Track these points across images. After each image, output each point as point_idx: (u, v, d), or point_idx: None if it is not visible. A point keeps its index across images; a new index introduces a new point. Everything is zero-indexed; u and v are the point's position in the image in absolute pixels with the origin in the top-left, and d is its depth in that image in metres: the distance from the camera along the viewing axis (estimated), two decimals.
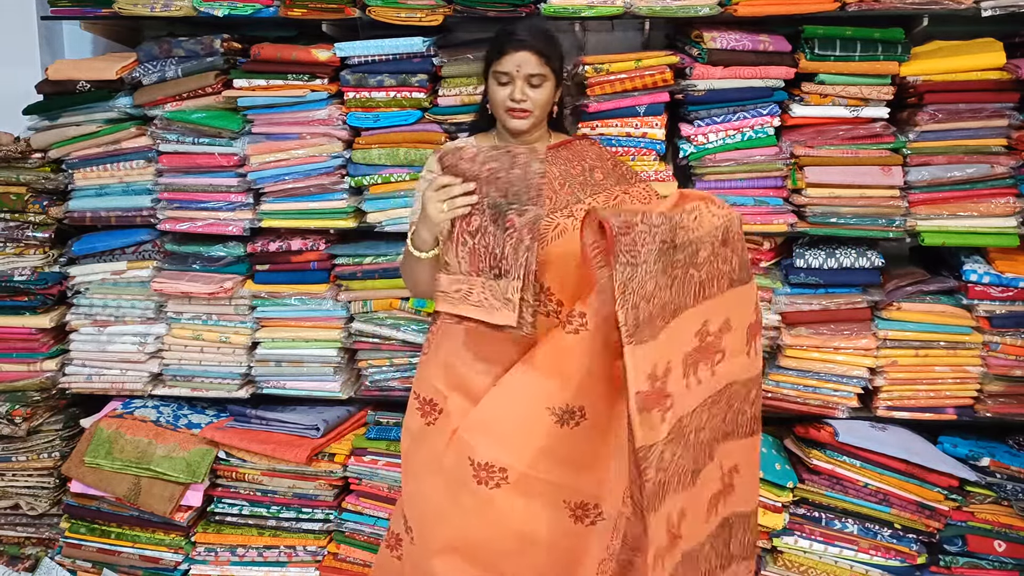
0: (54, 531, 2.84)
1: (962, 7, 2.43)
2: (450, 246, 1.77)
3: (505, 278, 1.73)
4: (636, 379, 1.63)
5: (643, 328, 1.65)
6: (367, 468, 2.72)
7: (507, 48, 1.95)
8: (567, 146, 2.04)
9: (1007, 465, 2.58)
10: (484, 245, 1.75)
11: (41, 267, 2.78)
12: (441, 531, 1.90)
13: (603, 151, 2.10)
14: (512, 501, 1.81)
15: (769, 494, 2.59)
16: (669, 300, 1.71)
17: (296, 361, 2.77)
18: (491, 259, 1.74)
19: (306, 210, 2.70)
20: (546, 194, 1.81)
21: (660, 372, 1.67)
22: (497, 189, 1.73)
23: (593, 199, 1.95)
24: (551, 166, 1.96)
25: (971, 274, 2.57)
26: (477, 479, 1.82)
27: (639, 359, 1.64)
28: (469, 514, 1.85)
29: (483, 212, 1.74)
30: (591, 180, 1.99)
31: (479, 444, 1.82)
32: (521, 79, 1.94)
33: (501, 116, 2.00)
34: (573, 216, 1.90)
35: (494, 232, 1.74)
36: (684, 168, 2.63)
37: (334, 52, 2.59)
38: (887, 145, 2.54)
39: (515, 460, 1.80)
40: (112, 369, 2.83)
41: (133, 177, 2.73)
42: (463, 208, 1.76)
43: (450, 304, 1.77)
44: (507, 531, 1.84)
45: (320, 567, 2.76)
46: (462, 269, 1.77)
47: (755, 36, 2.50)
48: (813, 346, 2.61)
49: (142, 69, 2.67)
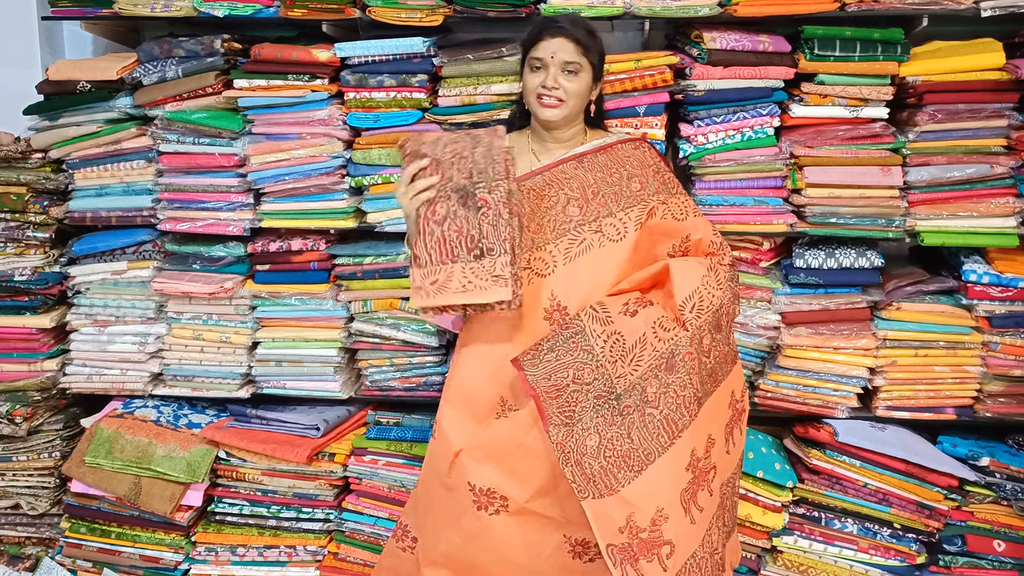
0: (54, 531, 2.85)
1: (962, 7, 2.43)
2: (417, 239, 1.73)
3: (489, 256, 1.67)
4: (603, 533, 1.63)
5: (598, 482, 1.63)
6: (367, 468, 2.73)
7: (544, 34, 1.87)
8: (607, 151, 1.95)
9: (1007, 465, 2.58)
10: (456, 230, 1.69)
11: (41, 267, 2.78)
12: (438, 544, 1.90)
13: (647, 156, 1.99)
14: (511, 530, 1.80)
15: (768, 494, 2.59)
16: (630, 450, 1.66)
17: (296, 361, 2.77)
18: (468, 242, 1.68)
19: (306, 210, 2.70)
20: (511, 170, 1.72)
21: (643, 523, 1.64)
22: (461, 171, 1.67)
23: (625, 213, 1.87)
24: (587, 173, 1.89)
25: (971, 274, 2.57)
26: (477, 504, 1.80)
27: (599, 514, 1.63)
28: (467, 536, 1.84)
29: (449, 198, 1.68)
30: (627, 190, 1.90)
31: (481, 471, 1.79)
32: (555, 66, 1.86)
33: (532, 105, 1.91)
34: (601, 232, 1.84)
35: (465, 215, 1.68)
36: (684, 168, 2.63)
37: (334, 52, 2.59)
38: (887, 145, 2.54)
39: (516, 492, 1.78)
40: (112, 369, 2.83)
41: (133, 177, 2.73)
42: (427, 192, 1.70)
43: (425, 297, 1.72)
44: (503, 559, 1.82)
45: (320, 567, 2.76)
46: (432, 260, 1.71)
47: (755, 36, 2.50)
48: (813, 346, 2.62)
49: (142, 69, 2.67)
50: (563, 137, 1.97)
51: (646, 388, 1.70)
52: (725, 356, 1.83)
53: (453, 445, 1.85)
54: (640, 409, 1.69)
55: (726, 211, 2.59)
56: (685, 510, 1.68)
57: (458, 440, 1.84)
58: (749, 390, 2.71)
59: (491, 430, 1.83)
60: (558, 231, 1.84)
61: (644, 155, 1.99)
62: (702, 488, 1.71)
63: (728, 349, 1.85)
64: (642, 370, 1.70)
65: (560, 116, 1.90)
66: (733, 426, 1.85)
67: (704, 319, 1.77)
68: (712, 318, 1.79)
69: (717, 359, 1.80)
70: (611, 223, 1.85)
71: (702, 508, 1.72)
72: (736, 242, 2.66)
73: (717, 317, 1.80)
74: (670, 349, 1.71)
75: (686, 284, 1.78)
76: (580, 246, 1.83)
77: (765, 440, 2.70)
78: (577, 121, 1.99)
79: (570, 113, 1.91)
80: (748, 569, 2.69)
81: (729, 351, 1.85)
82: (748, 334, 2.65)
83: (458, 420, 1.88)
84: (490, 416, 1.86)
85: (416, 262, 1.74)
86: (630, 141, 2.01)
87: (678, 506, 1.67)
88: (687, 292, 1.77)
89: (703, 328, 1.76)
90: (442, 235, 1.70)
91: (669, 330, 1.73)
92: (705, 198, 2.59)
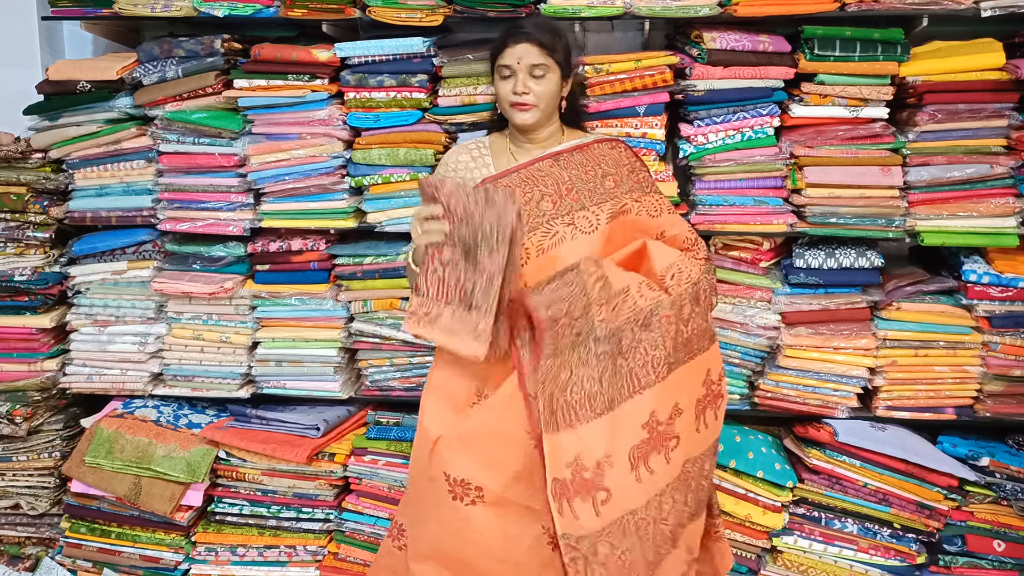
0: (54, 531, 2.85)
1: (962, 7, 2.43)
2: (422, 271, 1.80)
3: (476, 311, 1.75)
4: (552, 466, 1.66)
5: (559, 416, 1.67)
6: (367, 468, 2.73)
7: (508, 41, 1.93)
8: (583, 150, 1.98)
9: (1006, 465, 2.58)
10: (455, 277, 1.76)
11: (41, 267, 2.78)
12: (425, 538, 1.91)
13: (622, 156, 2.01)
14: (489, 521, 1.81)
15: (768, 494, 2.59)
16: (597, 392, 1.71)
17: (296, 361, 2.77)
18: (461, 292, 1.76)
19: (306, 210, 2.70)
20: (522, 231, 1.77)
21: (589, 463, 1.68)
22: (469, 227, 1.73)
23: (598, 208, 1.91)
24: (563, 170, 1.93)
25: (971, 274, 2.57)
26: (452, 494, 1.81)
27: (554, 446, 1.66)
28: (449, 528, 1.85)
29: (455, 246, 1.76)
30: (600, 188, 1.94)
31: (457, 461, 1.81)
32: (523, 71, 1.92)
33: (506, 111, 1.98)
34: (574, 224, 1.87)
35: (464, 267, 1.75)
36: (684, 168, 2.63)
37: (334, 52, 2.59)
38: (887, 145, 2.54)
39: (491, 482, 1.79)
40: (112, 369, 2.83)
41: (133, 177, 2.73)
42: (436, 236, 1.74)
43: (416, 324, 1.79)
44: (487, 552, 1.83)
45: (320, 567, 2.76)
46: (430, 294, 1.79)
47: (755, 36, 2.50)
48: (813, 346, 2.62)
49: (142, 69, 2.67)
50: (539, 138, 2.02)
51: (621, 339, 1.75)
52: (703, 331, 1.86)
53: (431, 434, 1.87)
54: (613, 357, 1.74)
55: (726, 211, 2.59)
56: (632, 465, 1.71)
57: (436, 429, 1.87)
58: (749, 390, 2.73)
59: (468, 420, 1.85)
60: (531, 224, 1.88)
61: (620, 155, 2.02)
62: (658, 452, 1.73)
63: (706, 325, 1.88)
64: (620, 320, 1.75)
65: (534, 119, 1.96)
66: (707, 406, 1.87)
67: (684, 288, 1.81)
68: (692, 289, 1.83)
69: (695, 331, 1.83)
70: (584, 216, 1.89)
71: (653, 471, 1.74)
72: (736, 242, 2.66)
73: (696, 290, 1.84)
74: (650, 307, 1.76)
75: (665, 258, 1.84)
76: (553, 238, 1.86)
77: (765, 440, 2.70)
78: (552, 121, 2.03)
79: (543, 115, 1.97)
80: (748, 569, 2.69)
81: (707, 328, 1.89)
82: (748, 334, 2.65)
83: (437, 410, 1.91)
84: (468, 406, 1.89)
85: (416, 290, 1.81)
86: (606, 141, 2.04)
87: (625, 459, 1.71)
88: (666, 264, 1.83)
89: (684, 296, 1.81)
90: (442, 277, 1.78)
91: (654, 290, 1.78)
92: (705, 198, 2.59)
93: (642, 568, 1.73)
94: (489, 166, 2.02)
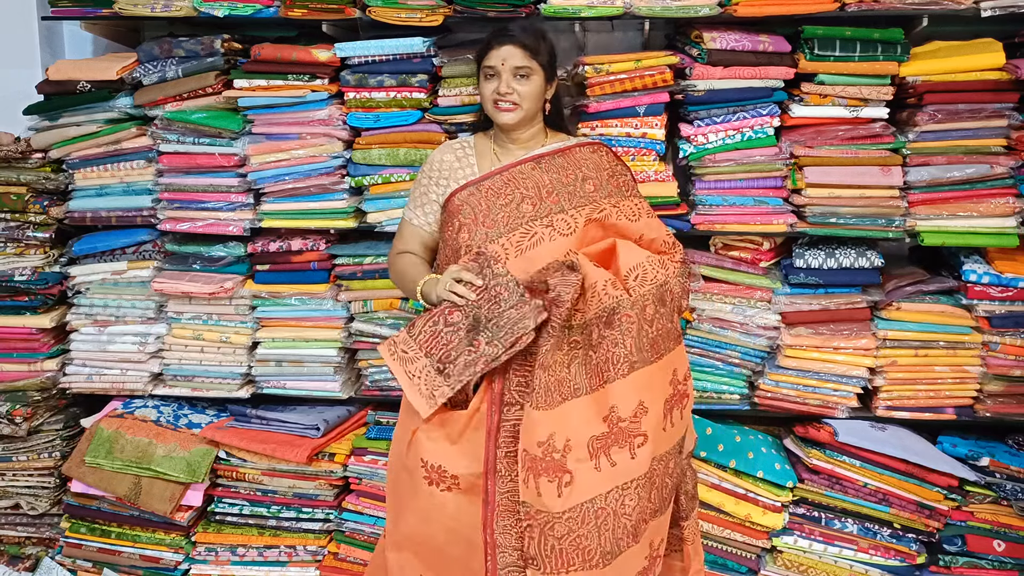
0: (54, 531, 2.85)
1: (962, 7, 2.43)
2: (427, 316, 1.87)
3: (443, 377, 1.83)
4: (526, 440, 1.75)
5: (540, 395, 1.75)
6: (367, 468, 2.72)
7: (493, 43, 1.99)
8: (565, 153, 2.03)
9: (1006, 465, 2.58)
10: (448, 340, 1.84)
11: (41, 267, 2.78)
12: (400, 527, 1.95)
13: (603, 160, 2.05)
14: (464, 507, 1.84)
15: (768, 494, 2.59)
16: (566, 378, 1.79)
17: (296, 361, 2.77)
18: (444, 355, 1.84)
19: (306, 210, 2.70)
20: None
21: (558, 445, 1.74)
22: (487, 312, 1.82)
23: (577, 211, 1.94)
24: (543, 173, 1.98)
25: (971, 274, 2.57)
26: (428, 479, 1.86)
27: (530, 421, 1.75)
28: (423, 515, 1.89)
29: (467, 316, 1.83)
30: (580, 191, 1.98)
31: (434, 447, 1.86)
32: (507, 72, 1.97)
33: (490, 111, 2.02)
34: (552, 227, 1.92)
35: (461, 338, 1.83)
36: (684, 168, 2.63)
37: (334, 52, 2.59)
38: (887, 145, 2.54)
39: (467, 471, 1.83)
40: (112, 369, 2.83)
41: (133, 177, 2.73)
42: (460, 300, 1.83)
43: (391, 355, 1.87)
44: (461, 538, 1.86)
45: (320, 567, 2.76)
46: (418, 339, 1.86)
47: (755, 36, 2.50)
48: (813, 346, 2.62)
49: (142, 69, 2.67)
50: (522, 139, 2.06)
51: (592, 333, 1.81)
52: (668, 332, 1.90)
53: (410, 424, 1.90)
54: (584, 349, 1.81)
55: (726, 211, 2.59)
56: (591, 455, 1.76)
57: (415, 422, 1.89)
58: (749, 390, 2.73)
59: (446, 415, 1.88)
60: (511, 225, 1.92)
61: (601, 158, 2.05)
62: (621, 447, 1.77)
63: (672, 327, 1.91)
64: (590, 315, 1.81)
65: (517, 119, 2.00)
66: (674, 406, 1.90)
67: (647, 289, 1.85)
68: (656, 291, 1.86)
69: (659, 332, 1.87)
70: (562, 218, 1.93)
71: (614, 463, 1.77)
72: (736, 242, 2.66)
73: (661, 291, 1.87)
74: (612, 306, 1.80)
75: (631, 258, 1.88)
76: (531, 239, 1.90)
77: (765, 440, 2.70)
78: (535, 122, 2.07)
79: (526, 115, 2.01)
80: (748, 569, 2.69)
81: (673, 328, 1.92)
82: (748, 334, 2.65)
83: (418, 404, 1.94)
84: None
85: (411, 327, 1.89)
86: (588, 144, 2.08)
87: (584, 448, 1.76)
88: (631, 264, 1.87)
89: (647, 296, 1.84)
90: (438, 332, 1.85)
91: (617, 288, 1.82)
92: (705, 198, 2.59)
93: (597, 557, 1.76)
94: (473, 166, 2.06)
